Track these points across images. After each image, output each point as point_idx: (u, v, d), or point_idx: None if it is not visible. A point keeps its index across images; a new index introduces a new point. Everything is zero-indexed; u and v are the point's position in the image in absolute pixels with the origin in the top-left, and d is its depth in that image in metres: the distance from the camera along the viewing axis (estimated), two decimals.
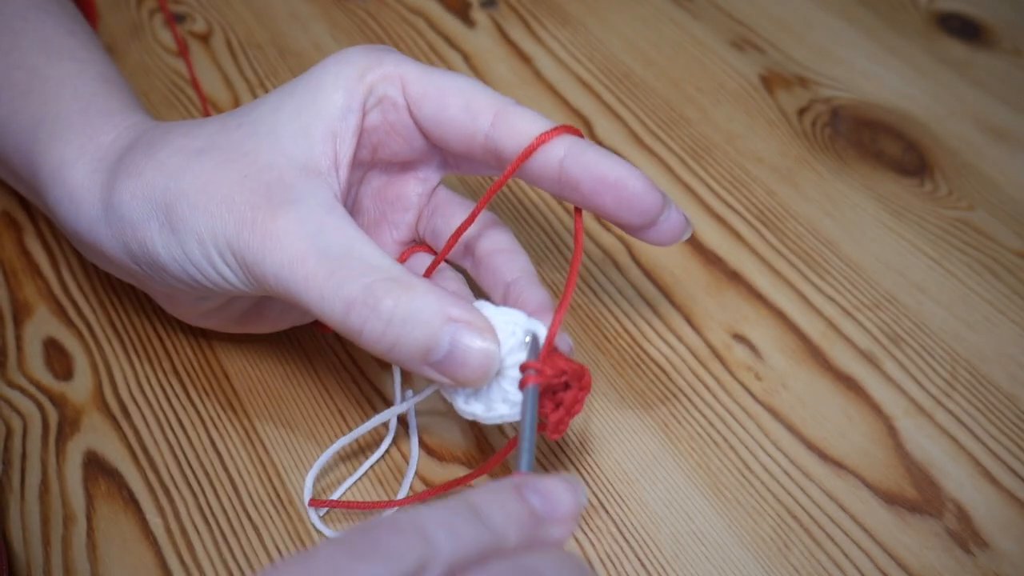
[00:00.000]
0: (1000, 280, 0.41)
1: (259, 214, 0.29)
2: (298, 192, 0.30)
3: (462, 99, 0.32)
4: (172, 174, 0.31)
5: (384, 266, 0.29)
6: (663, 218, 0.31)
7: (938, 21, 0.54)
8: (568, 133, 0.31)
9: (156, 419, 0.36)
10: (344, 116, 0.32)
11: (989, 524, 0.34)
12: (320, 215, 0.29)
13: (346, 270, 0.28)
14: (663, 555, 0.33)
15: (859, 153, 0.47)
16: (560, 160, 0.31)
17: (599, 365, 0.38)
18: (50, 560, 0.33)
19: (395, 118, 0.33)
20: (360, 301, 0.28)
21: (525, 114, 0.31)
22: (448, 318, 0.28)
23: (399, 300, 0.28)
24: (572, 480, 0.24)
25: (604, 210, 0.31)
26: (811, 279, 0.41)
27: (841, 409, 0.37)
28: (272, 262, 0.29)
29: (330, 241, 0.29)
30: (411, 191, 0.35)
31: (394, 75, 0.32)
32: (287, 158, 0.31)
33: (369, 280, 0.28)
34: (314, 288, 0.28)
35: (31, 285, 0.40)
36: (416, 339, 0.28)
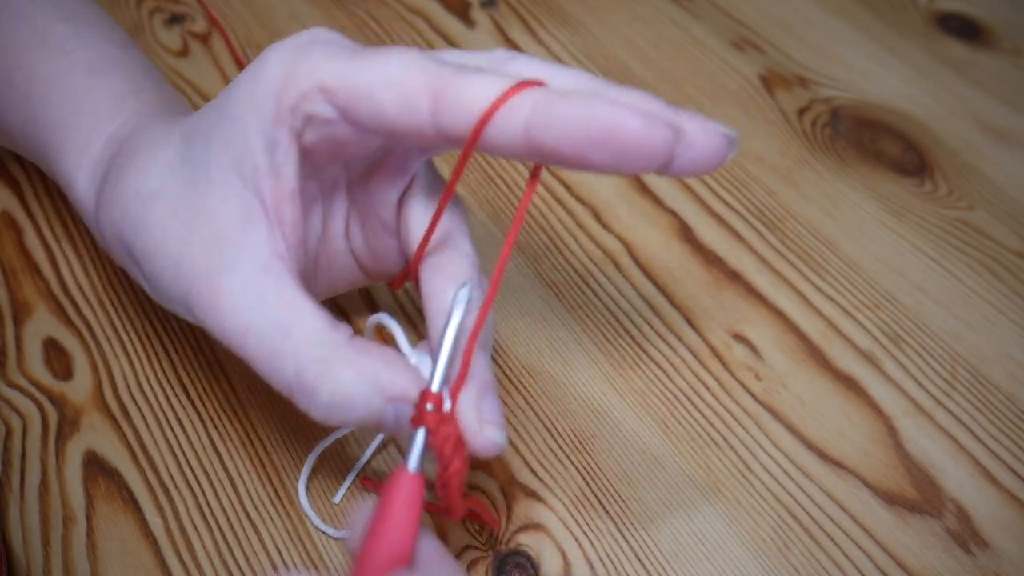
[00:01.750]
0: (1000, 280, 0.41)
1: (202, 284, 0.28)
2: (236, 255, 0.28)
3: (394, 92, 0.26)
4: (132, 226, 0.30)
5: (316, 340, 0.27)
6: (682, 148, 0.24)
7: (938, 21, 0.54)
8: (526, 89, 0.25)
9: (156, 419, 0.36)
10: (270, 150, 0.28)
11: (989, 524, 0.34)
12: (257, 280, 0.28)
13: (281, 356, 0.27)
14: (663, 555, 0.33)
15: (859, 153, 0.47)
16: (524, 128, 0.25)
17: (599, 365, 0.38)
18: (50, 560, 0.33)
19: (334, 131, 0.28)
20: (298, 388, 0.27)
21: (469, 82, 0.25)
22: (388, 397, 0.27)
23: (334, 388, 0.27)
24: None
25: (603, 169, 0.25)
26: (811, 279, 0.41)
27: (841, 409, 0.37)
28: (222, 332, 0.28)
29: (265, 317, 0.28)
30: (390, 182, 0.32)
31: (312, 89, 0.27)
32: (225, 204, 0.29)
33: (302, 367, 0.27)
34: (259, 365, 0.28)
35: (31, 285, 0.40)
36: (361, 417, 0.27)
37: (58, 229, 0.42)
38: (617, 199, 0.44)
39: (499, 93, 0.25)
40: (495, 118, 0.25)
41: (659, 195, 0.44)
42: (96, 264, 0.41)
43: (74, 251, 0.41)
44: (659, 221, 0.43)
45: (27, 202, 0.43)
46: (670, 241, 0.43)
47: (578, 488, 0.35)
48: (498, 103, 0.25)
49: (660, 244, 0.42)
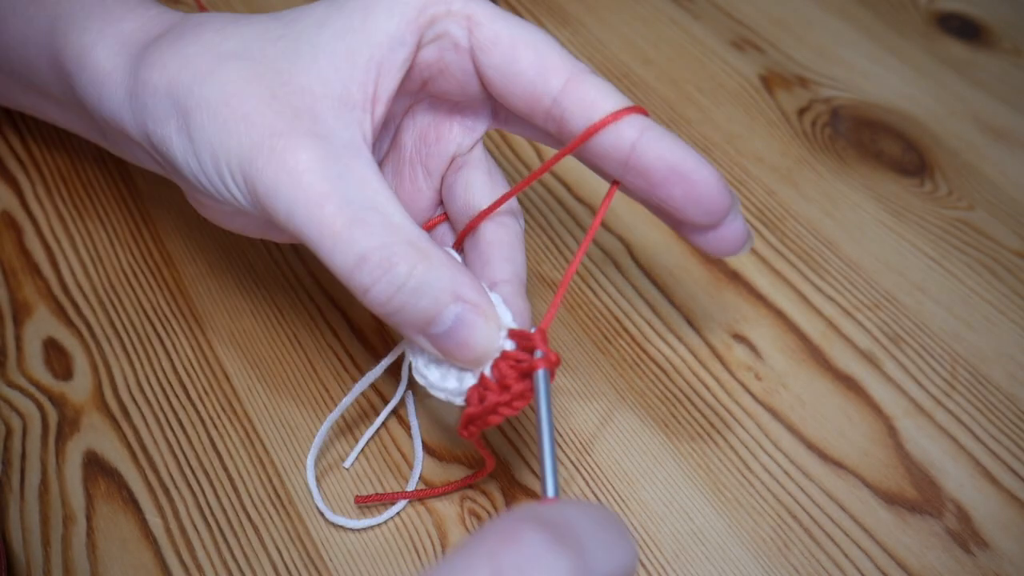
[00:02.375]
0: (1000, 280, 0.41)
1: (279, 142, 0.27)
2: (327, 126, 0.28)
3: (535, 54, 0.29)
4: (197, 76, 0.29)
5: (405, 227, 0.27)
6: (728, 220, 0.29)
7: (938, 21, 0.54)
8: (640, 114, 0.28)
9: (156, 419, 0.36)
10: (393, 47, 0.29)
11: (989, 524, 0.34)
12: (347, 157, 0.28)
13: (366, 224, 0.27)
14: (663, 555, 0.33)
15: (859, 153, 0.47)
16: (633, 142, 0.28)
17: (599, 365, 0.38)
18: (50, 560, 0.33)
19: (453, 59, 0.30)
20: (375, 260, 0.26)
21: (600, 85, 0.28)
22: (458, 296, 0.27)
23: (415, 267, 0.27)
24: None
25: (670, 201, 0.28)
26: (811, 279, 0.41)
27: (841, 409, 0.37)
28: (285, 197, 0.27)
29: (353, 189, 0.27)
30: (452, 139, 0.33)
31: (461, 13, 0.29)
32: (323, 84, 0.29)
33: (388, 240, 0.27)
34: (327, 235, 0.27)
35: (31, 285, 0.40)
36: (421, 309, 0.27)
37: (58, 229, 0.42)
38: (617, 199, 0.44)
39: (624, 105, 0.28)
40: (614, 124, 0.28)
41: None
42: (96, 264, 0.41)
43: (74, 251, 0.41)
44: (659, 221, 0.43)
45: (27, 202, 0.43)
46: (670, 241, 0.43)
47: (578, 488, 0.35)
48: (621, 114, 0.28)
49: (660, 244, 0.42)
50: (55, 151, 0.45)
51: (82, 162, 0.45)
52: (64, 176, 0.44)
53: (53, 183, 0.44)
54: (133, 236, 0.42)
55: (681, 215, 0.28)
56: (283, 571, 0.33)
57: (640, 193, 0.29)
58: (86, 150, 0.45)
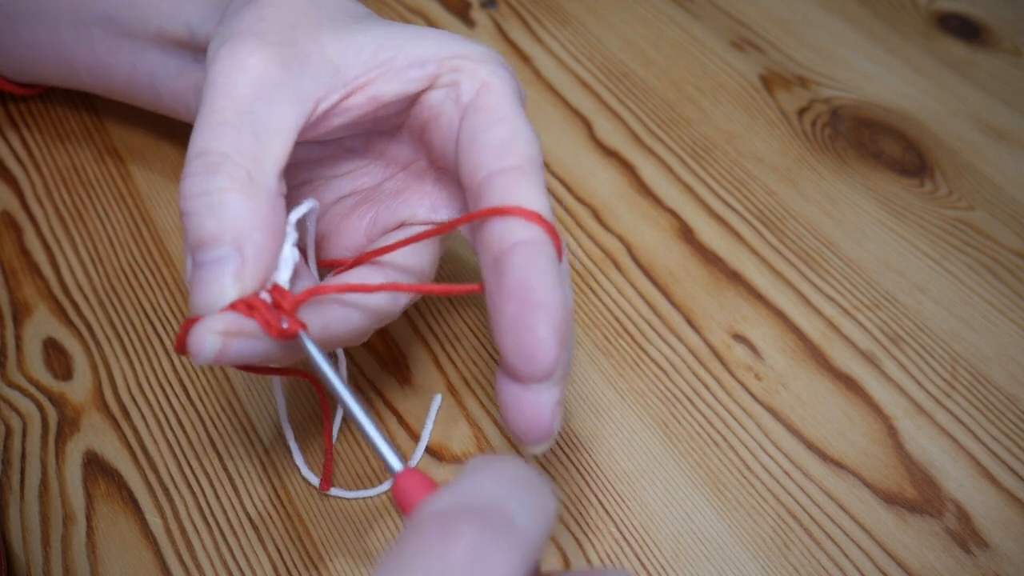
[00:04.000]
0: (1000, 280, 0.41)
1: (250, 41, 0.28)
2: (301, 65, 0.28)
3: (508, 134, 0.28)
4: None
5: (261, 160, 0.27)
6: (543, 387, 0.25)
7: (938, 21, 0.54)
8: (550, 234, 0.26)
9: (156, 419, 0.36)
10: (409, 65, 0.30)
11: (989, 524, 0.34)
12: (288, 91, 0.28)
13: (232, 131, 0.27)
14: (663, 555, 0.33)
15: (859, 153, 0.47)
16: (508, 249, 0.26)
17: (599, 365, 0.38)
18: (50, 560, 0.33)
19: (447, 109, 0.30)
20: (209, 158, 0.26)
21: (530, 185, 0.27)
22: (238, 244, 0.26)
23: (228, 189, 0.26)
24: None
25: (501, 321, 0.26)
26: (811, 279, 0.41)
27: (841, 409, 0.37)
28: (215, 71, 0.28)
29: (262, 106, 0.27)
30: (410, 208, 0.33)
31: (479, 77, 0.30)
32: (336, 50, 0.29)
33: (235, 155, 0.26)
34: (204, 116, 0.27)
35: (31, 285, 0.40)
36: (203, 227, 0.26)
37: (58, 229, 0.42)
38: (617, 199, 0.44)
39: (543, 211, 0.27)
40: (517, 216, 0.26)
41: (659, 195, 0.44)
42: (96, 264, 0.41)
43: (74, 251, 0.41)
44: (659, 221, 0.43)
45: (27, 202, 0.43)
46: (670, 241, 0.43)
47: (578, 489, 0.35)
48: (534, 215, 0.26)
49: (660, 244, 0.42)
50: (55, 151, 0.45)
51: (82, 162, 0.45)
52: (64, 176, 0.44)
53: (53, 183, 0.44)
54: (133, 236, 0.42)
55: (500, 345, 0.26)
56: (283, 571, 0.33)
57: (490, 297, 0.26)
58: (86, 150, 0.45)
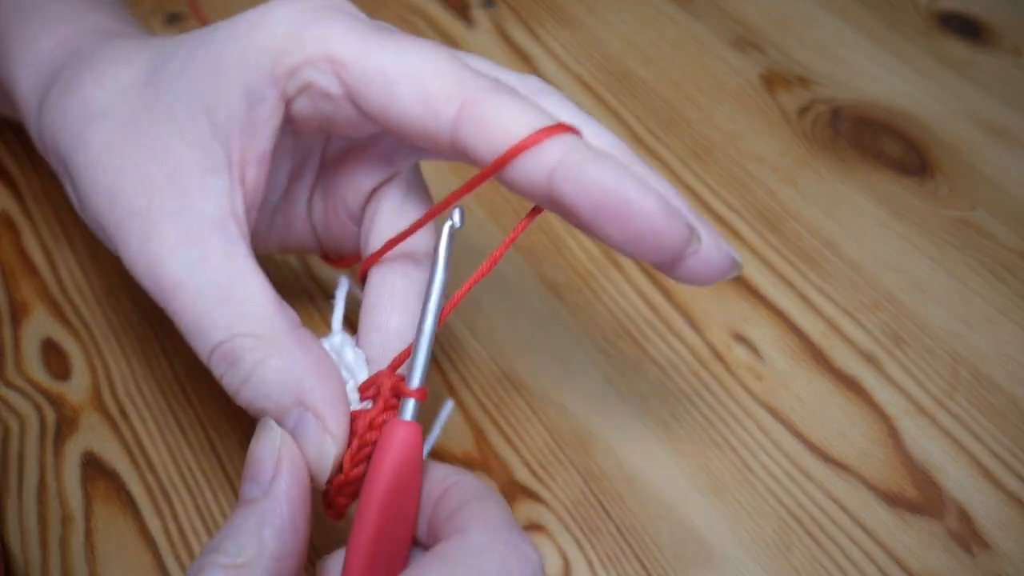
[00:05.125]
0: (1001, 280, 0.41)
1: (136, 222, 0.26)
2: (188, 198, 0.26)
3: (415, 86, 0.24)
4: (70, 139, 0.28)
5: (259, 315, 0.26)
6: (691, 251, 0.24)
7: (939, 21, 0.54)
8: (562, 133, 0.23)
9: (155, 420, 0.36)
10: (252, 104, 0.26)
11: (990, 525, 0.34)
12: (207, 232, 0.26)
13: (216, 316, 0.25)
14: (663, 556, 0.33)
15: (859, 153, 0.47)
16: (549, 175, 0.23)
17: (599, 366, 0.38)
18: (48, 561, 0.33)
19: (331, 108, 0.26)
20: (222, 353, 0.26)
21: (503, 106, 0.24)
22: (301, 401, 0.25)
23: (259, 363, 0.25)
24: None
25: (609, 241, 0.24)
26: (811, 279, 0.41)
27: (842, 409, 0.37)
28: (149, 278, 0.26)
29: (209, 273, 0.26)
30: (368, 171, 0.29)
31: (321, 58, 0.25)
32: (184, 147, 0.26)
33: (236, 331, 0.25)
34: (184, 324, 0.26)
35: (29, 285, 0.40)
36: (266, 407, 0.26)
37: (56, 230, 0.42)
38: None
39: (534, 129, 0.23)
40: (522, 156, 0.23)
41: None
42: (94, 265, 0.41)
43: (72, 252, 0.41)
44: None
45: (25, 203, 0.43)
46: None
47: (578, 489, 0.35)
48: (531, 140, 0.23)
49: None
50: None
51: None
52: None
53: (52, 184, 0.44)
54: None
55: (628, 253, 0.24)
56: None
57: (583, 231, 0.24)
58: None
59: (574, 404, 0.37)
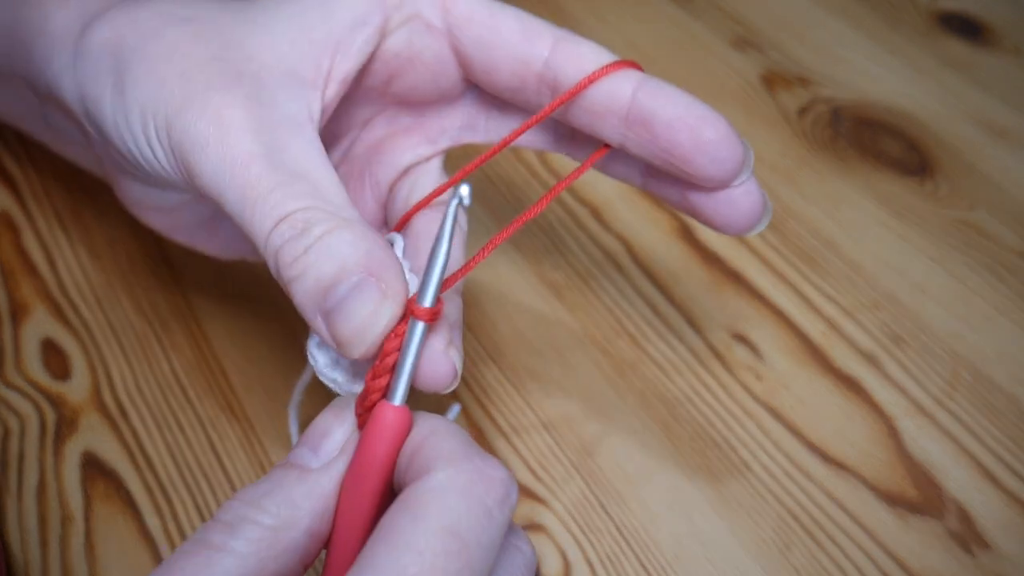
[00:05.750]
0: (1001, 280, 0.41)
1: (215, 97, 0.26)
2: (271, 95, 0.26)
3: (517, 22, 0.28)
4: (144, 35, 0.28)
5: (333, 199, 0.25)
6: (740, 181, 0.27)
7: (939, 21, 0.54)
8: (636, 69, 0.27)
9: (154, 419, 0.36)
10: (355, 26, 0.27)
11: (990, 525, 0.34)
12: (287, 126, 0.26)
13: (293, 188, 0.25)
14: (663, 555, 0.33)
15: (859, 153, 0.47)
16: (634, 91, 0.27)
17: (599, 366, 0.38)
18: (48, 561, 0.33)
19: (425, 44, 0.28)
20: (290, 220, 0.24)
21: (592, 45, 0.28)
22: (365, 267, 0.24)
23: (329, 231, 0.24)
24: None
25: (677, 150, 0.26)
26: (811, 279, 0.41)
27: (842, 410, 0.37)
28: (211, 155, 0.25)
29: (286, 155, 0.25)
30: (409, 149, 0.31)
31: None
32: (274, 55, 0.27)
33: (313, 204, 0.25)
34: (250, 198, 0.25)
35: (28, 285, 0.40)
36: (322, 274, 0.24)
37: (56, 230, 0.42)
38: (617, 199, 0.44)
39: (613, 59, 0.27)
40: (608, 78, 0.27)
41: None
42: (94, 265, 0.41)
43: (72, 252, 0.41)
44: (659, 221, 0.43)
45: (25, 203, 0.43)
46: (670, 241, 0.42)
47: (578, 489, 0.35)
48: (623, 64, 0.27)
49: (660, 244, 0.42)
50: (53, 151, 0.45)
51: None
52: (62, 176, 0.44)
53: (52, 184, 0.44)
54: (131, 235, 0.42)
55: (688, 167, 0.27)
56: None
57: (643, 149, 0.27)
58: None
59: (574, 404, 0.37)
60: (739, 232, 0.28)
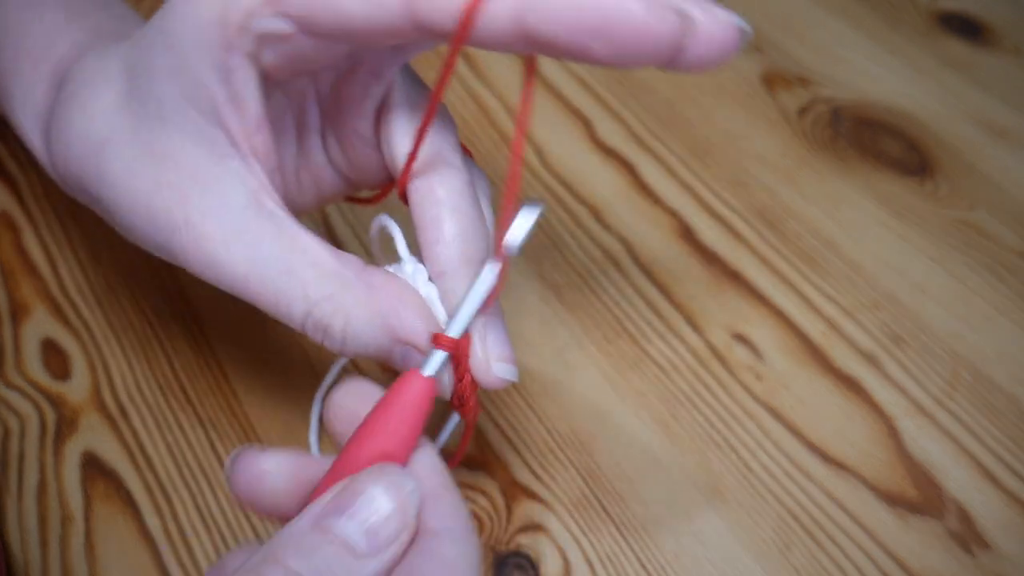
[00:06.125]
0: (1001, 280, 0.41)
1: (184, 234, 0.27)
2: (214, 192, 0.27)
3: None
4: (92, 176, 0.28)
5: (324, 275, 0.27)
6: (691, 40, 0.22)
7: (939, 21, 0.54)
8: None
9: (154, 419, 0.36)
10: (225, 80, 0.26)
11: (990, 525, 0.34)
12: (246, 221, 0.27)
13: (288, 297, 0.27)
14: (663, 555, 0.33)
15: (859, 153, 0.47)
16: (512, 14, 0.22)
17: (599, 366, 0.38)
18: (48, 561, 0.33)
19: (293, 46, 0.26)
20: (312, 325, 0.27)
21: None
22: (394, 339, 0.27)
23: (345, 326, 0.27)
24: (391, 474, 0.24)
25: (600, 61, 0.22)
26: (811, 279, 0.41)
27: (842, 410, 0.37)
28: (218, 279, 0.27)
29: (265, 260, 0.27)
30: (364, 92, 0.29)
31: (257, 4, 0.25)
32: (188, 145, 0.27)
33: (312, 305, 0.27)
34: (266, 306, 0.27)
35: (29, 285, 0.40)
36: (373, 352, 0.27)
37: (56, 230, 0.42)
38: (617, 199, 0.44)
39: None
40: (484, 6, 0.22)
41: (659, 195, 0.44)
42: (94, 265, 0.41)
43: (72, 252, 0.41)
44: (659, 221, 0.43)
45: (26, 203, 0.43)
46: (670, 241, 0.42)
47: (578, 489, 0.35)
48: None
49: (660, 244, 0.42)
50: None
51: None
52: None
53: (51, 183, 0.44)
54: None
55: (625, 66, 0.22)
56: None
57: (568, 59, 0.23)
58: None
59: (574, 404, 0.37)
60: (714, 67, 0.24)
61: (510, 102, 0.48)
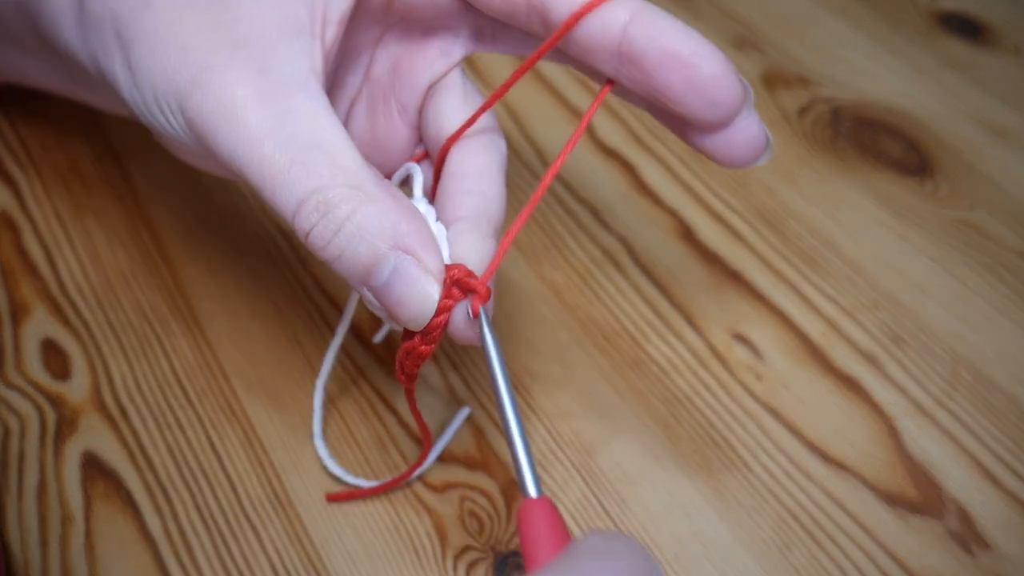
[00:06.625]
0: (1001, 280, 0.41)
1: (215, 76, 0.26)
2: (270, 57, 0.26)
3: None
4: (138, 7, 0.27)
5: (350, 167, 0.26)
6: (741, 118, 0.26)
7: (939, 21, 0.54)
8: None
9: (154, 419, 0.36)
10: None
11: (991, 525, 0.34)
12: (290, 91, 0.26)
13: (306, 164, 0.25)
14: (663, 555, 0.33)
15: (859, 153, 0.47)
16: (624, 24, 0.25)
17: (599, 366, 0.38)
18: (48, 561, 0.33)
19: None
20: (313, 203, 0.25)
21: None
22: (397, 244, 0.25)
23: (354, 211, 0.25)
24: None
25: (668, 92, 0.25)
26: (811, 279, 0.41)
27: (842, 410, 0.37)
28: (225, 135, 0.26)
29: (295, 125, 0.25)
30: (426, 66, 0.30)
31: None
32: (263, 11, 0.27)
33: (329, 182, 0.25)
34: (267, 176, 0.25)
35: (29, 285, 0.40)
36: (360, 257, 0.25)
37: (56, 230, 0.42)
38: (617, 199, 0.44)
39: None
40: (601, 8, 0.25)
41: (659, 195, 0.44)
42: (94, 265, 0.41)
43: (72, 252, 0.41)
44: (659, 221, 0.43)
45: (26, 203, 0.43)
46: (670, 241, 0.42)
47: (578, 489, 0.35)
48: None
49: (660, 244, 0.42)
50: (53, 151, 0.45)
51: (80, 162, 0.45)
52: (62, 176, 0.44)
53: (51, 183, 0.44)
54: (132, 236, 0.42)
55: (683, 108, 0.25)
56: (282, 572, 0.32)
57: (638, 88, 0.26)
58: (84, 150, 0.45)
59: (574, 404, 0.37)
60: (740, 167, 0.27)
61: (510, 102, 0.48)
